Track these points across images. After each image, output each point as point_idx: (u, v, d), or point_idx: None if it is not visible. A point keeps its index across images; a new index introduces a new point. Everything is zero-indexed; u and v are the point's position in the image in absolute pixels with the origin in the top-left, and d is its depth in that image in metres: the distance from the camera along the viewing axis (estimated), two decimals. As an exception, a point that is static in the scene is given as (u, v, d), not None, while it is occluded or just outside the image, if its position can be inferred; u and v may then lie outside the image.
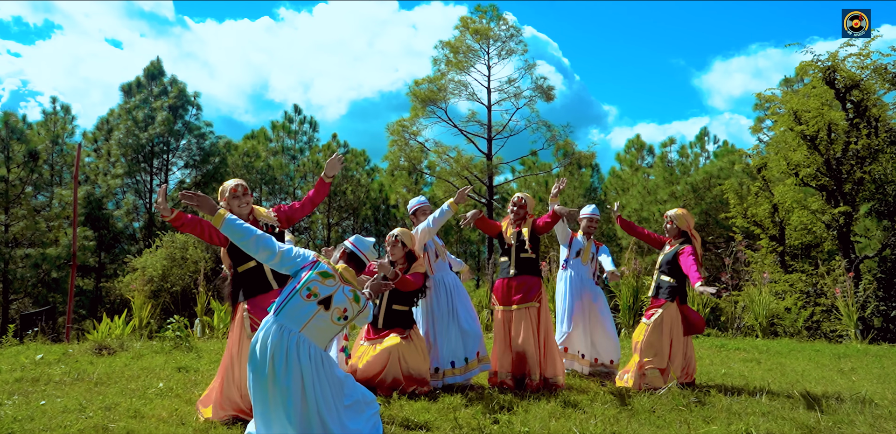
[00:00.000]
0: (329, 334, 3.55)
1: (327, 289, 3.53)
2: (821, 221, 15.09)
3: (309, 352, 3.43)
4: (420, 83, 25.19)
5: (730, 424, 3.83)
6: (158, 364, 5.74)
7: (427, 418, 3.94)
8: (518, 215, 5.47)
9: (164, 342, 6.77)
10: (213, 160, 26.99)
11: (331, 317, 3.51)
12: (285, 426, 3.37)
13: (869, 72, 15.02)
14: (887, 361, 6.69)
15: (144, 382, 4.96)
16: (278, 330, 3.44)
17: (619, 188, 31.65)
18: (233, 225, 3.64)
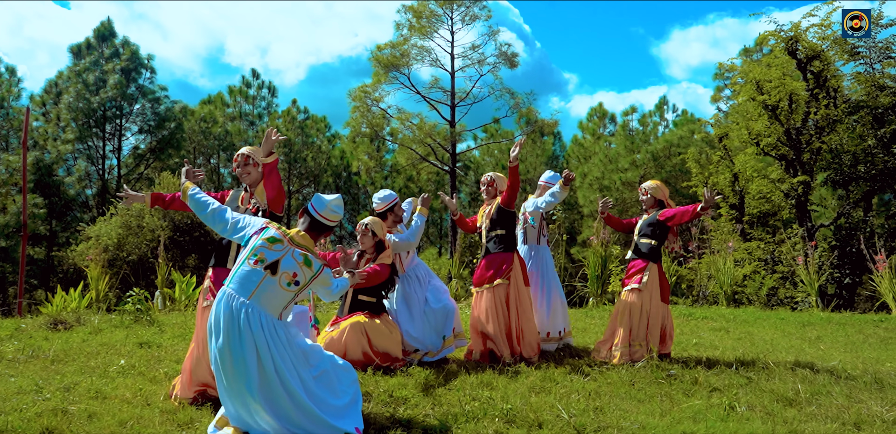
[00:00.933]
0: (280, 301, 3.40)
1: (274, 253, 3.41)
2: (780, 190, 15.31)
3: (260, 320, 3.32)
4: (382, 48, 24.66)
5: (710, 397, 3.81)
6: (119, 339, 5.50)
7: (405, 394, 3.83)
8: (490, 195, 5.36)
9: (123, 316, 6.50)
10: (169, 126, 26.19)
11: (279, 282, 3.38)
12: (246, 399, 3.26)
13: (829, 43, 15.11)
14: (850, 329, 6.81)
15: (105, 359, 4.73)
16: (228, 299, 3.36)
17: (581, 156, 31.75)
18: (193, 198, 3.71)
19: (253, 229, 3.52)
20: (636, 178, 27.17)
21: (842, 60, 15.37)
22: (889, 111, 14.62)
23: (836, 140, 14.97)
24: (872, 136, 14.52)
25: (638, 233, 5.25)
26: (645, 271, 5.07)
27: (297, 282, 3.42)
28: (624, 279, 5.24)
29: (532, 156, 31.12)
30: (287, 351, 3.36)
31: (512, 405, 3.52)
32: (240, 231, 3.55)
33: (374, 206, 5.32)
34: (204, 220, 3.66)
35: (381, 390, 3.94)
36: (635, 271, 5.13)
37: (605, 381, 4.18)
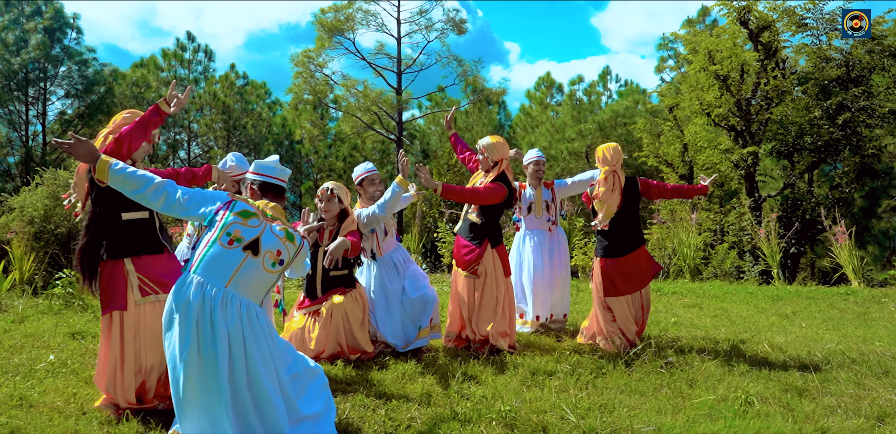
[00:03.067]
0: (265, 285, 2.92)
1: (252, 230, 2.90)
2: (729, 161, 15.33)
3: (239, 308, 2.81)
4: (326, 11, 23.66)
5: (717, 389, 3.51)
6: (47, 329, 4.85)
7: (383, 391, 3.40)
8: (485, 166, 4.77)
9: (52, 300, 5.82)
10: (98, 90, 24.64)
11: (262, 263, 2.89)
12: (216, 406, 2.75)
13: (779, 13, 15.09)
14: (822, 304, 6.70)
15: (31, 355, 4.12)
16: (199, 288, 2.79)
17: (527, 126, 31.50)
18: (123, 174, 2.93)
19: (217, 204, 2.95)
20: (583, 148, 27.09)
21: (790, 32, 15.38)
22: (835, 83, 14.73)
23: (784, 111, 15.03)
24: (818, 107, 14.62)
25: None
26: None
27: (281, 260, 2.95)
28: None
29: (479, 125, 30.68)
30: (266, 343, 2.87)
31: (509, 405, 3.12)
32: (198, 208, 2.95)
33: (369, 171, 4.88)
34: (140, 201, 2.96)
35: (356, 387, 3.50)
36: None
37: (600, 371, 3.84)
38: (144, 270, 3.24)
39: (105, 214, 3.28)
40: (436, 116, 30.77)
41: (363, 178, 4.79)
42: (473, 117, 30.85)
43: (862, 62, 14.52)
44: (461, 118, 30.83)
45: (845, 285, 8.62)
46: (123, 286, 3.22)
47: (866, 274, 9.54)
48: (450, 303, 4.69)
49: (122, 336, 3.19)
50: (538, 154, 5.70)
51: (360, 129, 25.96)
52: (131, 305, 3.21)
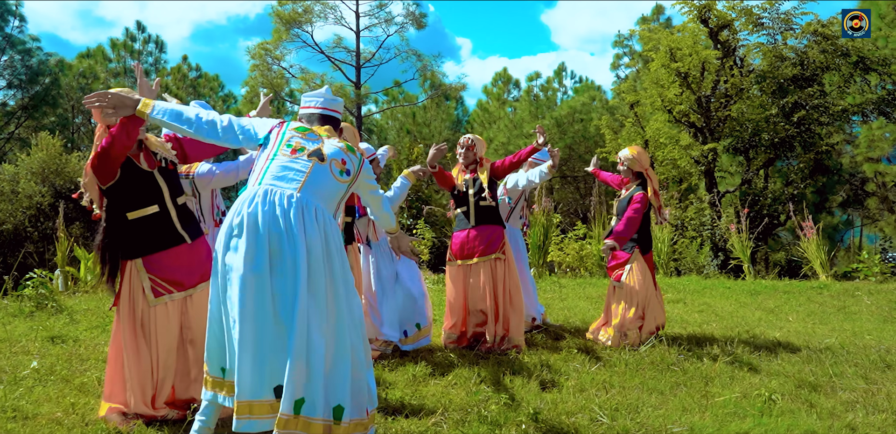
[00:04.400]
0: (335, 195, 2.74)
1: (312, 142, 2.77)
2: (689, 157, 15.59)
3: (316, 217, 2.58)
4: (283, 3, 23.21)
5: (732, 385, 3.50)
6: (22, 333, 4.55)
7: (401, 397, 3.28)
8: (468, 159, 4.77)
9: (21, 302, 5.50)
10: (43, 81, 23.68)
11: (331, 170, 2.72)
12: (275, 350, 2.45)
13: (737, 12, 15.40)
14: (801, 298, 6.84)
15: (12, 361, 3.85)
16: (266, 195, 2.56)
17: (485, 121, 31.53)
18: (166, 117, 2.74)
19: (269, 125, 2.83)
20: (541, 144, 27.29)
21: (747, 30, 15.72)
22: (790, 82, 15.11)
23: (741, 108, 15.36)
24: (775, 105, 14.99)
25: (616, 214, 4.86)
26: (628, 265, 4.75)
27: (348, 170, 2.79)
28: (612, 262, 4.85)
29: (437, 120, 30.58)
30: (343, 281, 2.61)
31: (534, 407, 3.04)
32: (250, 131, 2.80)
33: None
34: (197, 135, 2.76)
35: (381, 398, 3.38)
36: (617, 265, 4.79)
37: (612, 370, 3.80)
38: (157, 270, 3.03)
39: (112, 214, 3.07)
40: (393, 111, 30.53)
41: (372, 159, 4.65)
42: (431, 113, 30.73)
43: (815, 62, 14.92)
44: (419, 113, 30.67)
45: (815, 279, 8.82)
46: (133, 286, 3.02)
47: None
48: (451, 300, 4.58)
49: (134, 336, 2.99)
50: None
51: (318, 124, 25.60)
52: (144, 306, 3.01)
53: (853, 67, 15.22)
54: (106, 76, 27.33)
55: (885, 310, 6.11)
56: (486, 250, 4.48)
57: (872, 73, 15.80)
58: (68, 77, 25.76)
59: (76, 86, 26.22)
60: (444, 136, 30.47)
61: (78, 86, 26.31)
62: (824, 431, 2.88)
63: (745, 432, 2.88)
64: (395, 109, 29.96)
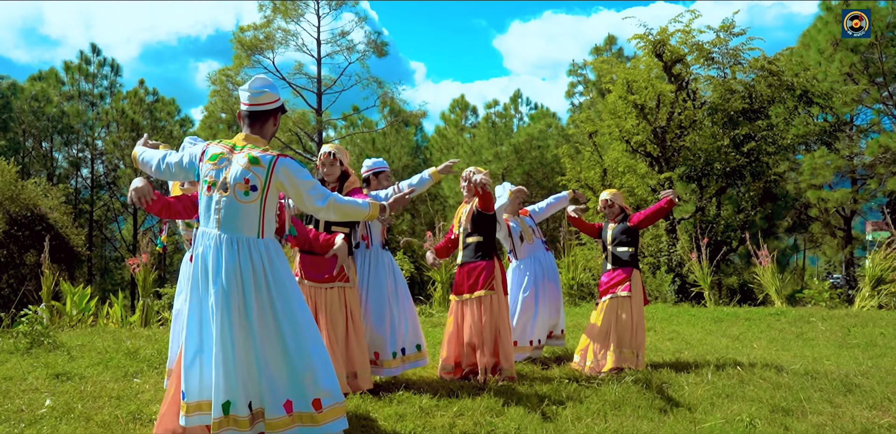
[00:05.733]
0: (252, 217, 2.99)
1: (220, 170, 3.02)
2: (647, 185, 16.16)
3: (238, 248, 2.96)
4: (245, 30, 23.42)
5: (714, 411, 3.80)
6: (24, 371, 4.57)
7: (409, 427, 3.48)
8: (471, 192, 4.79)
9: (16, 339, 5.49)
10: (-6, 104, 23.31)
11: (235, 196, 2.97)
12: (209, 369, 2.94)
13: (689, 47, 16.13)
14: (761, 324, 7.25)
15: (24, 400, 3.88)
16: (202, 238, 3.03)
17: (443, 147, 31.94)
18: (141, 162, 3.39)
19: (198, 157, 3.12)
20: (500, 171, 27.74)
21: (699, 65, 16.48)
22: (740, 114, 15.88)
23: (694, 139, 16.04)
24: (726, 136, 15.71)
25: (612, 242, 5.19)
26: (630, 279, 5.04)
27: (253, 187, 2.97)
28: (606, 288, 5.14)
29: (396, 146, 30.88)
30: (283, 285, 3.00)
31: (541, 436, 3.28)
32: (192, 166, 3.14)
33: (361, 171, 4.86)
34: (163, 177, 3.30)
35: (381, 422, 3.57)
36: (620, 280, 5.07)
37: (604, 399, 4.07)
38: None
39: None
40: (353, 137, 30.75)
41: (381, 172, 4.80)
42: (391, 138, 31.04)
43: (763, 95, 15.73)
44: (379, 139, 30.96)
45: (772, 305, 9.29)
46: None
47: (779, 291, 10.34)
48: (449, 333, 4.78)
49: None
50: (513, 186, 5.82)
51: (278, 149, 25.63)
52: None
53: (797, 100, 16.08)
54: (59, 99, 26.95)
55: (838, 335, 6.54)
56: (472, 288, 4.68)
57: (815, 105, 16.73)
58: (20, 100, 25.34)
59: (28, 109, 25.81)
60: (403, 162, 30.77)
61: (30, 109, 25.89)
62: (803, 453, 3.19)
63: (733, 455, 3.17)
64: (355, 135, 30.19)
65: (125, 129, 27.19)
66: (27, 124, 25.91)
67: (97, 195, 28.07)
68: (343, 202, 3.17)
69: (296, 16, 23.65)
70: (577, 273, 9.99)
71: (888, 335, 6.50)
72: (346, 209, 3.18)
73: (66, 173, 27.93)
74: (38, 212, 17.03)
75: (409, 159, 30.98)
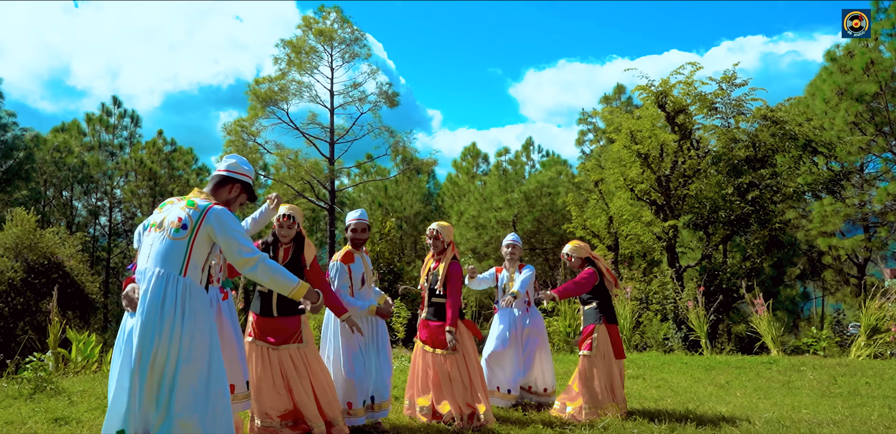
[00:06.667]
0: (178, 254, 3.10)
1: (162, 214, 3.23)
2: (651, 233, 16.31)
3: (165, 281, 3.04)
4: (260, 82, 24.21)
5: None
6: (25, 415, 4.77)
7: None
8: (437, 248, 5.03)
9: (21, 384, 5.72)
10: (17, 155, 24.04)
11: (167, 233, 3.12)
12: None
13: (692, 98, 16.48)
14: (750, 373, 7.30)
15: (20, 443, 4.13)
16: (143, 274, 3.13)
17: (455, 194, 32.36)
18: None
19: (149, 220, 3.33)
20: (510, 217, 28.00)
21: (702, 114, 16.81)
22: (744, 162, 16.11)
23: (699, 187, 16.24)
24: (730, 184, 15.90)
25: (580, 300, 5.39)
26: (592, 334, 5.16)
27: (184, 225, 3.12)
28: (578, 342, 5.32)
29: (408, 193, 31.34)
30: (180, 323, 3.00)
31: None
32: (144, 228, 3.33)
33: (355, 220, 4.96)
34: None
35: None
36: (583, 338, 5.23)
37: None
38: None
39: None
40: (366, 185, 31.29)
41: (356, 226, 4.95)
42: (403, 186, 31.54)
43: (766, 144, 15.97)
44: (391, 187, 31.47)
45: (766, 354, 9.32)
46: None
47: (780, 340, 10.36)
48: (418, 378, 4.96)
49: None
50: (513, 238, 5.90)
51: (292, 197, 26.13)
52: None
53: (801, 150, 16.28)
54: (80, 150, 27.80)
55: (825, 384, 6.59)
56: (441, 345, 4.83)
57: (819, 155, 16.93)
58: (43, 151, 26.16)
59: (50, 159, 26.61)
60: (415, 209, 31.16)
61: (52, 159, 26.69)
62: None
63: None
64: (368, 183, 30.73)
65: (143, 179, 27.90)
66: (48, 174, 26.68)
67: (114, 243, 28.61)
68: (274, 266, 3.23)
69: (310, 68, 24.45)
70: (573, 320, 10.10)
71: (873, 385, 6.54)
72: (274, 274, 3.21)
73: (85, 222, 28.56)
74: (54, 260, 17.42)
75: (421, 206, 31.36)
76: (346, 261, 4.83)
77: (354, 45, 25.02)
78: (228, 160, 3.44)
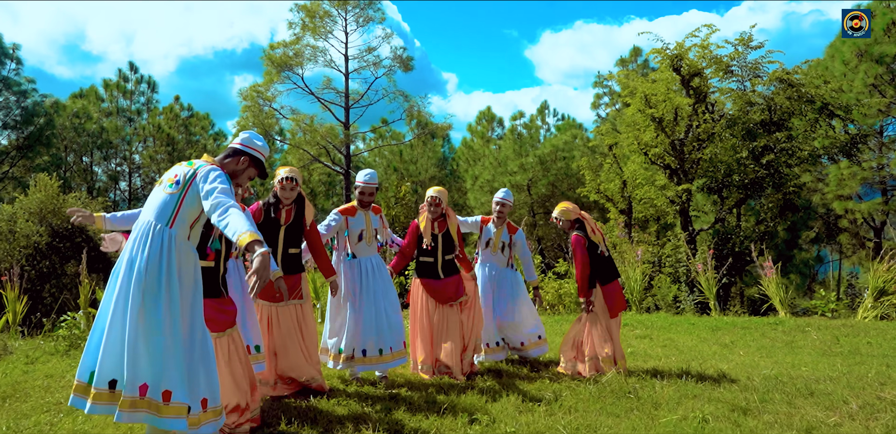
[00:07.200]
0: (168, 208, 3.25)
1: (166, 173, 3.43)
2: (665, 197, 16.40)
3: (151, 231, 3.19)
4: (275, 47, 24.21)
5: (678, 410, 4.16)
6: (63, 369, 5.14)
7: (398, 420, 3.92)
8: (436, 214, 5.34)
9: (56, 341, 6.09)
10: (37, 121, 24.37)
11: (163, 187, 3.32)
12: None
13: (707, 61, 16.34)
14: (755, 333, 7.52)
15: (63, 395, 4.42)
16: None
17: (470, 158, 32.39)
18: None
19: None
20: (525, 181, 28.08)
21: (718, 78, 16.68)
22: (759, 126, 16.05)
23: (713, 151, 16.24)
24: (745, 148, 15.88)
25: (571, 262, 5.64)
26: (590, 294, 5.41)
27: (177, 181, 3.31)
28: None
29: (423, 158, 31.43)
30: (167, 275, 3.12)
31: (512, 428, 3.70)
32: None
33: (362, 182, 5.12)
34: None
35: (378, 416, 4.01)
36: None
37: (578, 397, 4.46)
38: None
39: None
40: (381, 150, 31.41)
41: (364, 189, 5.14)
42: (418, 150, 31.61)
43: (782, 107, 15.88)
44: (406, 151, 31.57)
45: (774, 315, 9.53)
46: None
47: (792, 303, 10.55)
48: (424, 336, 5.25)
49: None
50: (503, 195, 5.94)
51: (307, 162, 26.34)
52: None
53: (818, 113, 16.17)
54: (99, 116, 28.07)
55: (827, 344, 6.81)
56: (454, 296, 5.21)
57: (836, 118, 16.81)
58: (62, 117, 26.45)
59: (69, 125, 26.91)
60: (430, 173, 31.30)
61: (71, 125, 27.00)
62: (743, 445, 3.55)
63: (679, 447, 3.54)
64: (383, 148, 30.83)
65: (161, 144, 28.20)
66: (69, 140, 27.02)
67: (134, 207, 29.13)
68: (237, 212, 3.10)
69: (324, 33, 24.38)
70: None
71: (874, 344, 6.75)
72: (235, 219, 3.06)
73: (105, 187, 29.00)
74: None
75: (436, 170, 31.49)
76: (344, 213, 5.08)
77: (368, 8, 24.88)
78: (243, 135, 3.62)
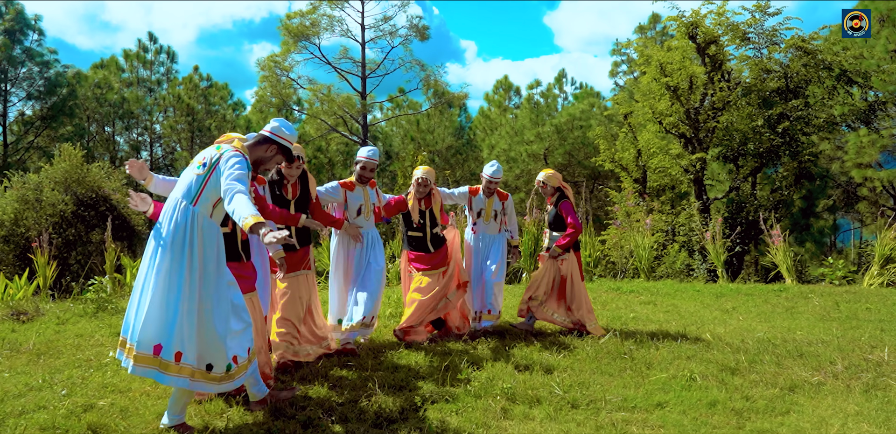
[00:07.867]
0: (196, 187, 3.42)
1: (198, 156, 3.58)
2: (679, 166, 16.44)
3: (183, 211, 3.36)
4: (292, 16, 24.19)
5: (669, 369, 4.40)
6: (92, 330, 5.52)
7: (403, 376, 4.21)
8: (422, 193, 5.60)
9: (85, 304, 6.46)
10: (60, 92, 24.72)
11: (194, 168, 3.49)
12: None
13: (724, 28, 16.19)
14: (758, 300, 7.72)
15: (93, 352, 4.79)
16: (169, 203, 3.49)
17: (487, 128, 32.38)
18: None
19: None
20: (541, 151, 28.11)
21: (734, 45, 16.54)
22: (775, 94, 15.95)
23: (729, 119, 16.20)
24: (761, 116, 15.83)
25: (549, 226, 5.85)
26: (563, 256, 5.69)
27: (204, 163, 3.46)
28: None
29: (440, 127, 31.48)
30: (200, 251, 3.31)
31: (509, 384, 3.97)
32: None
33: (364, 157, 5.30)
34: None
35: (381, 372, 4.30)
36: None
37: (575, 358, 4.72)
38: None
39: None
40: (398, 119, 31.48)
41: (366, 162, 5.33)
42: (435, 120, 31.64)
43: (799, 74, 15.75)
44: (423, 121, 31.62)
45: (780, 282, 9.70)
46: None
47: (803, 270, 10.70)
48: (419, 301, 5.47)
49: None
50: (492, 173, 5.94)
51: (325, 132, 26.52)
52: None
53: (836, 80, 16.03)
54: (120, 86, 28.37)
55: (826, 310, 7.00)
56: (440, 264, 5.56)
57: (855, 85, 16.65)
58: (84, 87, 26.77)
59: (91, 96, 27.24)
60: (447, 142, 31.37)
61: (93, 96, 27.33)
62: (724, 401, 3.79)
63: (665, 402, 3.79)
64: (400, 117, 30.90)
65: (181, 114, 28.50)
66: (91, 110, 27.38)
67: (156, 176, 29.60)
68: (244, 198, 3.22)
69: (340, 2, 24.31)
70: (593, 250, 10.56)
71: (872, 310, 6.92)
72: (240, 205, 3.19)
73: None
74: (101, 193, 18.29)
75: (453, 140, 31.54)
76: (344, 186, 5.28)
77: (385, -24, 24.72)
78: (273, 123, 3.73)
